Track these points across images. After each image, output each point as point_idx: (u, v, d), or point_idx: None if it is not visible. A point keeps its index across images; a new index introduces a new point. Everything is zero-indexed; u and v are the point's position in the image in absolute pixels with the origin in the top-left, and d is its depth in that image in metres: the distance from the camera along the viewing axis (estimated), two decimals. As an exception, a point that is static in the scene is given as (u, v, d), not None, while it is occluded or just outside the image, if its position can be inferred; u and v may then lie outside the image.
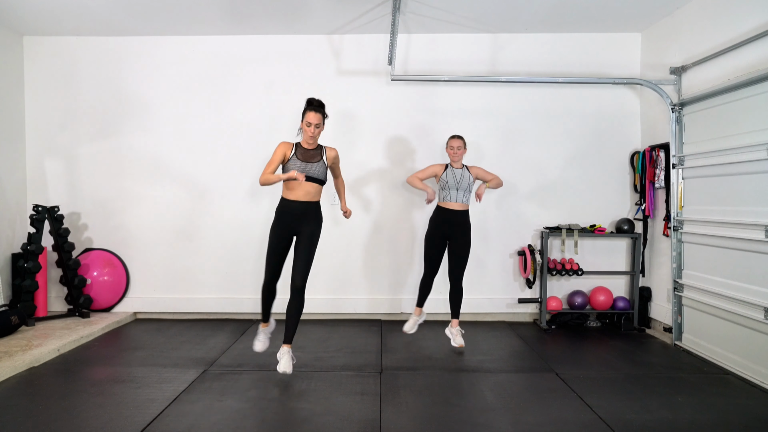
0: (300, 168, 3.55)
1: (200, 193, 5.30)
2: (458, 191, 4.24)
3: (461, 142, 4.28)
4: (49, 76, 5.31)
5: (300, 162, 3.57)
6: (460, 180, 4.24)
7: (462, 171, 4.28)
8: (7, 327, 4.42)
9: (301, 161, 3.57)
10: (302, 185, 3.57)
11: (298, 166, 3.55)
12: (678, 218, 4.43)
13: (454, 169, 4.28)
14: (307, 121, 3.54)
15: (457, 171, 4.27)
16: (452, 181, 4.24)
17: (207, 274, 5.31)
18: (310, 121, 3.53)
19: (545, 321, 5.04)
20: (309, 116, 3.53)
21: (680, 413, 3.09)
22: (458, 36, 5.20)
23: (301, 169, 3.54)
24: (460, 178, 4.25)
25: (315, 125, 3.53)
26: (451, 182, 4.24)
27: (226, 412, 3.08)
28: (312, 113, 3.53)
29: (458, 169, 4.28)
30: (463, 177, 4.25)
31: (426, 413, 3.09)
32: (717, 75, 4.07)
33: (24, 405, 3.17)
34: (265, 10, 4.65)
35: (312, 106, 3.56)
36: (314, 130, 3.54)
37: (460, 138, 4.30)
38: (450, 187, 4.24)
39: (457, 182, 4.24)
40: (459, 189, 4.24)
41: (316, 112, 3.53)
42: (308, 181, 3.57)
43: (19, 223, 5.23)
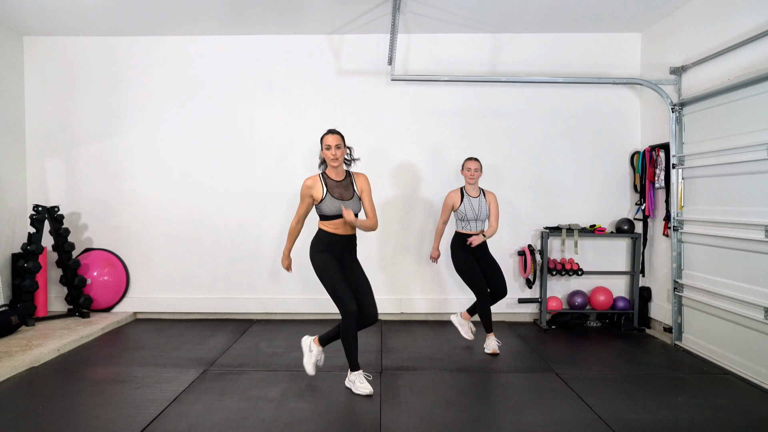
0: (337, 208, 3.34)
1: (200, 193, 5.30)
2: (477, 221, 4.20)
3: (478, 164, 4.17)
4: (49, 76, 5.31)
5: (336, 201, 3.35)
6: (479, 212, 4.18)
7: (479, 201, 4.20)
8: (7, 327, 4.42)
9: (337, 199, 3.36)
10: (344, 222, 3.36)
11: (336, 206, 3.34)
12: (678, 218, 4.43)
13: (471, 198, 4.19)
14: (326, 144, 3.34)
15: (474, 201, 4.19)
16: (471, 213, 4.18)
17: (207, 274, 5.31)
18: (329, 143, 3.33)
19: (545, 321, 5.04)
20: (327, 139, 3.34)
21: (680, 413, 3.09)
22: (458, 36, 5.20)
23: (339, 210, 3.34)
24: (479, 209, 4.18)
25: (335, 146, 3.32)
26: (470, 215, 4.18)
27: (226, 412, 3.08)
28: (330, 135, 3.35)
29: (475, 198, 4.19)
30: (481, 209, 4.19)
31: (426, 413, 3.09)
32: (717, 75, 4.07)
33: (24, 405, 3.17)
34: (265, 10, 4.65)
35: (328, 131, 3.40)
36: (335, 152, 3.32)
37: (476, 160, 4.18)
38: (469, 219, 4.19)
39: (476, 214, 4.18)
40: (478, 220, 4.20)
41: (333, 134, 3.35)
42: None
43: (19, 223, 5.23)
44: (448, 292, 5.25)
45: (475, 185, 4.21)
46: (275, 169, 5.25)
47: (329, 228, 3.41)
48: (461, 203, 4.19)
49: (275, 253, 5.27)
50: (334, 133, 3.37)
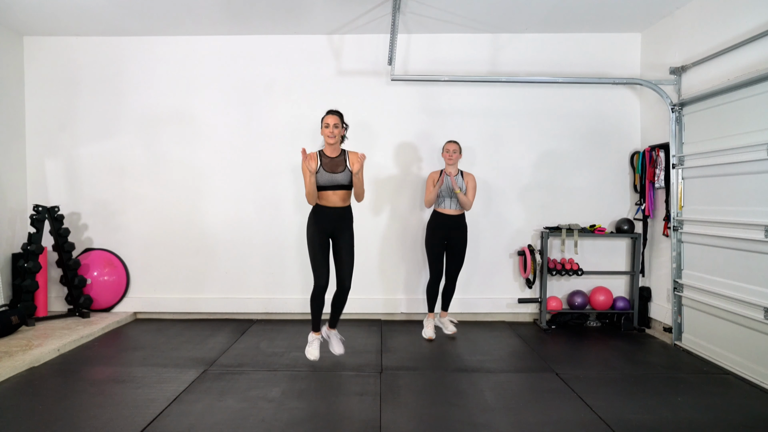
0: (327, 179, 3.71)
1: (200, 192, 5.30)
2: (452, 198, 4.41)
3: (456, 146, 4.44)
4: (49, 76, 5.31)
5: (326, 173, 3.72)
6: (453, 188, 4.37)
7: (456, 178, 4.41)
8: (7, 327, 4.42)
9: (327, 172, 3.73)
10: (335, 194, 3.74)
11: (326, 177, 3.71)
12: (678, 218, 4.43)
13: (448, 177, 4.41)
14: (325, 122, 3.73)
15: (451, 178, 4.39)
16: (446, 190, 4.41)
17: (207, 274, 5.31)
18: (327, 122, 3.72)
19: (545, 321, 5.04)
20: (326, 119, 3.74)
21: (680, 413, 3.09)
22: (458, 36, 5.20)
23: (329, 180, 3.71)
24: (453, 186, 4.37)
25: (333, 125, 3.70)
26: (445, 191, 4.41)
27: (226, 412, 3.08)
28: (329, 115, 3.74)
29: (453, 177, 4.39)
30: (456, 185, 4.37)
31: (426, 413, 3.09)
32: (717, 75, 4.07)
33: (24, 405, 3.17)
34: (265, 10, 4.65)
35: (329, 111, 3.80)
36: (332, 130, 3.69)
37: (455, 142, 4.46)
38: (444, 195, 4.41)
39: (451, 190, 4.40)
40: (453, 197, 4.40)
41: (333, 114, 3.75)
42: (337, 189, 3.74)
43: (20, 223, 5.24)
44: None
45: (453, 166, 4.43)
46: (275, 169, 5.25)
47: (321, 200, 3.77)
48: (438, 180, 4.41)
49: (275, 253, 5.27)
50: (334, 113, 3.76)
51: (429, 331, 4.58)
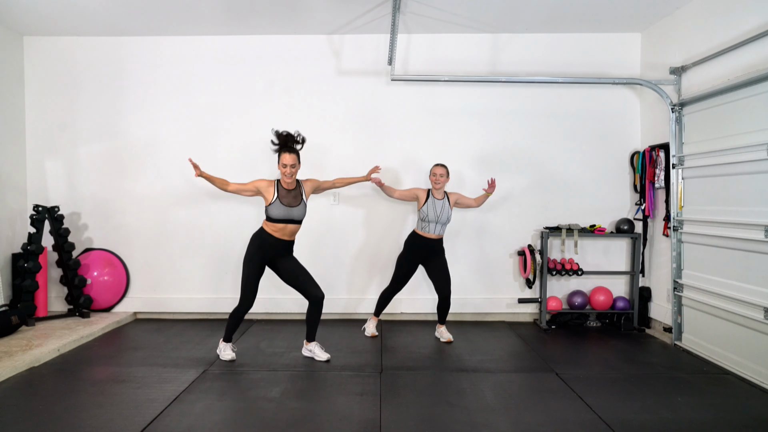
0: (284, 213, 3.74)
1: (200, 193, 5.30)
2: (437, 224, 4.34)
3: (444, 170, 4.37)
4: (49, 76, 5.31)
5: (284, 207, 3.75)
6: (440, 214, 4.33)
7: (443, 203, 4.36)
8: (7, 327, 4.42)
9: (284, 206, 3.75)
10: (290, 228, 3.80)
11: (282, 211, 3.74)
12: (678, 218, 4.43)
13: (435, 200, 4.34)
14: (283, 162, 3.70)
15: (438, 203, 4.34)
16: (433, 215, 4.32)
17: (207, 274, 5.31)
18: (285, 162, 3.69)
19: (545, 321, 5.04)
20: (284, 158, 3.70)
21: (680, 413, 3.09)
22: (458, 36, 5.21)
23: (285, 215, 3.75)
24: (441, 211, 4.33)
25: (290, 165, 3.70)
26: (432, 216, 4.32)
27: (226, 412, 3.08)
28: (287, 155, 3.70)
29: (439, 200, 4.35)
30: (443, 211, 4.34)
31: (426, 413, 3.09)
32: (717, 75, 4.07)
33: (24, 405, 3.17)
34: (265, 10, 4.65)
35: (285, 147, 3.74)
36: (290, 170, 3.71)
37: (443, 166, 4.40)
38: (430, 220, 4.33)
39: (437, 216, 4.32)
40: (438, 222, 4.34)
41: (290, 153, 3.71)
42: (292, 223, 3.80)
43: (20, 223, 5.24)
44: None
45: (440, 190, 4.38)
46: (275, 169, 5.25)
47: (271, 230, 3.79)
48: (425, 202, 4.34)
49: (275, 253, 5.27)
50: (292, 152, 3.73)
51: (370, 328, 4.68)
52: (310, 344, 4.05)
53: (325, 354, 4.00)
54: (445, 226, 4.39)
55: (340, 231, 5.28)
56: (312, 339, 4.05)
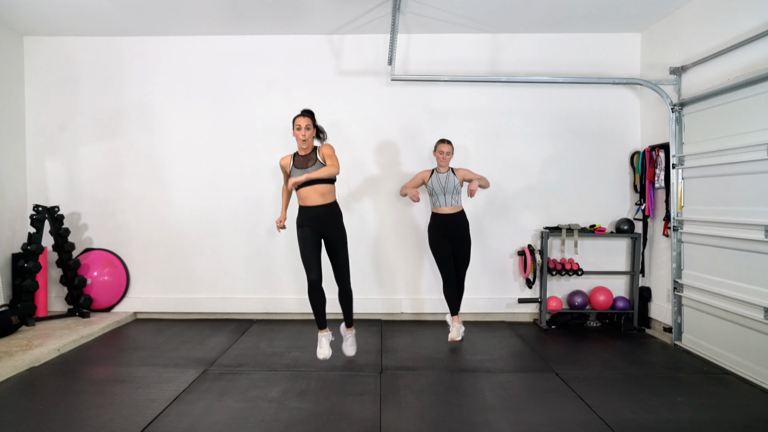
0: (298, 175, 3.68)
1: (200, 192, 5.30)
2: (445, 195, 4.34)
3: (450, 147, 4.38)
4: (49, 76, 5.31)
5: (298, 170, 3.73)
6: (446, 184, 4.33)
7: (447, 175, 4.37)
8: (7, 327, 4.42)
9: (298, 169, 3.74)
10: (313, 189, 3.69)
11: (297, 174, 3.72)
12: (678, 218, 4.43)
13: (439, 174, 4.38)
14: (297, 125, 3.72)
15: (442, 175, 4.37)
16: (438, 186, 4.35)
17: (207, 274, 5.31)
18: (299, 124, 3.71)
19: (545, 321, 5.04)
20: (298, 121, 3.73)
21: (680, 413, 3.09)
22: (458, 36, 5.21)
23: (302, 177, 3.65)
24: (446, 182, 4.34)
25: (305, 127, 3.71)
26: (437, 188, 4.35)
27: (226, 412, 3.08)
28: (300, 117, 3.74)
29: (443, 174, 4.37)
30: (448, 180, 4.34)
31: (426, 413, 3.09)
32: (717, 75, 4.07)
33: (24, 405, 3.17)
34: (265, 10, 4.65)
35: (300, 113, 3.79)
36: (305, 132, 3.70)
37: (449, 143, 4.39)
38: (437, 192, 4.35)
39: (443, 187, 4.34)
40: (446, 193, 4.34)
41: (304, 116, 3.75)
42: (314, 184, 3.69)
43: (20, 223, 5.24)
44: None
45: (445, 167, 4.40)
46: (276, 169, 5.25)
47: (301, 201, 3.76)
48: (430, 178, 4.40)
49: (276, 253, 5.27)
50: (305, 114, 3.76)
51: (453, 332, 4.34)
52: (347, 330, 4.03)
53: (350, 350, 3.98)
54: (455, 196, 4.34)
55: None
56: (348, 324, 4.03)
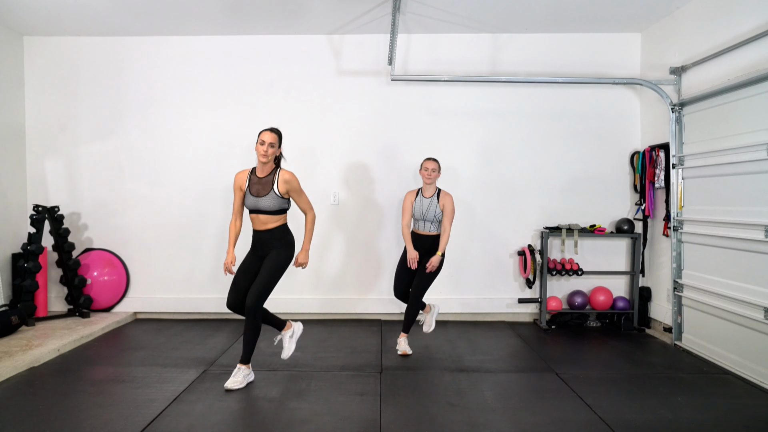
0: (251, 203, 3.45)
1: (200, 192, 5.30)
2: (425, 222, 4.16)
3: (436, 164, 4.15)
4: (49, 76, 5.31)
5: (251, 196, 3.45)
6: (426, 212, 4.13)
7: (431, 201, 4.13)
8: (7, 327, 4.42)
9: (252, 195, 3.45)
10: (257, 217, 3.47)
11: (250, 201, 3.45)
12: (678, 218, 4.43)
13: (423, 198, 4.16)
14: (261, 139, 3.40)
15: (425, 201, 4.14)
16: (419, 212, 4.15)
17: (207, 274, 5.31)
18: (263, 139, 3.40)
19: (545, 321, 5.04)
20: (263, 135, 3.41)
21: (680, 413, 3.09)
22: (458, 36, 5.21)
23: (252, 204, 3.45)
24: (426, 209, 4.12)
25: (269, 144, 3.39)
26: (417, 213, 4.16)
27: (226, 412, 3.08)
28: (267, 132, 3.43)
29: (427, 198, 4.14)
30: (429, 208, 4.12)
31: (426, 413, 3.09)
32: (717, 75, 4.07)
33: (24, 405, 3.17)
34: (265, 10, 4.65)
35: (268, 127, 3.51)
36: (267, 149, 3.38)
37: (434, 160, 4.17)
38: (416, 218, 4.18)
39: (423, 214, 4.14)
40: (425, 220, 4.15)
41: (272, 132, 3.44)
42: (261, 213, 3.46)
43: (20, 223, 5.24)
44: (448, 292, 5.25)
45: (432, 185, 4.17)
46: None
47: (252, 222, 3.53)
48: (414, 201, 4.19)
49: (275, 253, 5.27)
50: (273, 131, 3.45)
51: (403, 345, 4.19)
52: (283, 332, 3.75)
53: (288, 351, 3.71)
54: (434, 223, 4.16)
55: (340, 231, 5.27)
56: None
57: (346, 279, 5.29)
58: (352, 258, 5.29)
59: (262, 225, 3.49)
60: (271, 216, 3.48)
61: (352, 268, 5.29)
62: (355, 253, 5.29)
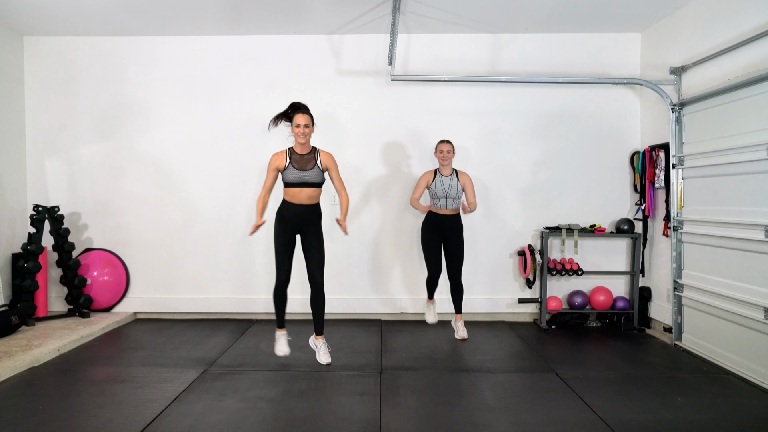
0: (296, 177, 3.69)
1: (200, 193, 5.30)
2: (447, 199, 4.38)
3: (450, 146, 4.41)
4: (49, 76, 5.31)
5: (296, 170, 3.70)
6: (449, 189, 4.37)
7: (450, 179, 4.40)
8: (7, 327, 4.42)
9: (296, 169, 3.70)
10: (304, 191, 3.71)
11: (295, 174, 3.69)
12: (678, 218, 4.43)
13: (442, 177, 4.41)
14: (296, 122, 3.67)
15: (446, 179, 4.39)
16: (441, 190, 4.37)
17: (207, 274, 5.31)
18: (299, 122, 3.66)
19: (545, 321, 5.04)
20: (297, 118, 3.67)
21: (680, 413, 3.09)
22: (458, 36, 5.21)
23: (297, 178, 3.69)
24: (449, 186, 4.37)
25: (304, 125, 3.66)
26: (440, 192, 4.38)
27: (226, 412, 3.08)
28: (300, 115, 3.68)
29: (446, 177, 4.40)
30: (451, 185, 4.38)
31: (426, 413, 3.09)
32: (717, 75, 4.07)
33: (24, 405, 3.17)
34: (265, 10, 4.65)
35: (299, 109, 3.73)
36: (304, 130, 3.67)
37: (449, 142, 4.42)
38: (439, 196, 4.39)
39: (445, 191, 4.37)
40: (448, 197, 4.38)
41: (304, 113, 3.69)
42: (306, 186, 3.72)
43: (20, 223, 5.24)
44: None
45: (448, 166, 4.42)
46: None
47: (287, 197, 3.76)
48: (433, 181, 4.41)
49: (275, 253, 5.27)
50: (305, 112, 3.71)
51: (430, 317, 4.64)
52: (317, 338, 3.94)
53: (326, 357, 3.89)
54: (456, 200, 4.38)
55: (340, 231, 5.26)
56: (319, 332, 3.93)
57: (346, 279, 5.29)
58: (351, 258, 5.29)
59: (307, 199, 3.73)
60: (315, 189, 3.76)
61: (351, 268, 5.29)
62: (354, 253, 5.29)
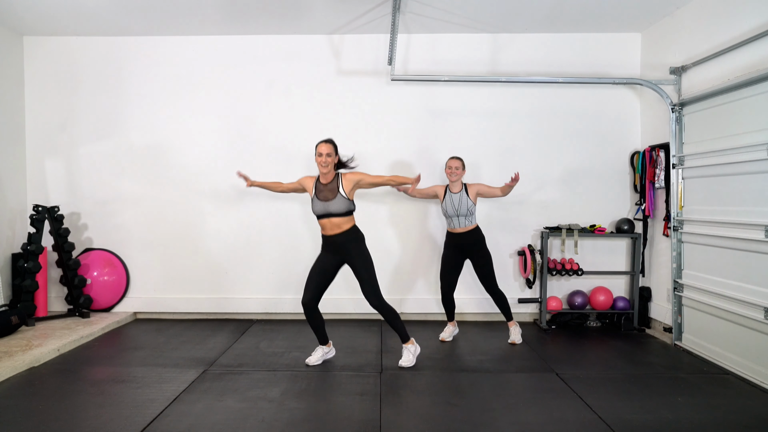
0: (320, 208, 3.72)
1: (200, 193, 5.30)
2: (459, 218, 4.33)
3: (459, 162, 4.35)
4: (49, 76, 5.31)
5: (320, 202, 3.73)
6: (458, 207, 4.31)
7: (460, 196, 4.32)
8: (7, 327, 4.42)
9: (320, 201, 3.73)
10: (329, 221, 3.73)
11: (320, 206, 3.72)
12: (678, 218, 4.43)
13: (452, 194, 4.35)
14: (318, 152, 3.73)
15: (455, 196, 4.33)
16: (451, 209, 4.33)
17: (207, 274, 5.31)
18: (321, 151, 3.72)
19: (545, 321, 5.04)
20: (320, 147, 3.73)
21: (680, 413, 3.09)
22: (458, 36, 5.20)
23: (322, 209, 3.72)
24: (458, 204, 4.31)
25: (326, 154, 3.71)
26: (450, 210, 4.34)
27: (226, 412, 3.08)
28: (322, 144, 3.74)
29: (456, 194, 4.33)
30: (461, 203, 4.30)
31: (426, 413, 3.09)
32: (717, 75, 4.07)
33: (24, 405, 3.17)
34: (265, 10, 4.65)
35: (322, 140, 3.80)
36: (326, 159, 3.71)
37: (458, 159, 4.37)
38: (450, 215, 4.35)
39: (456, 209, 4.32)
40: (459, 216, 4.32)
41: (326, 143, 3.75)
42: (332, 217, 3.71)
43: (19, 223, 5.24)
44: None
45: (457, 182, 4.37)
46: (275, 170, 5.24)
47: (321, 229, 3.81)
48: (443, 199, 4.38)
49: (275, 253, 5.27)
50: (328, 142, 3.77)
51: (444, 334, 4.60)
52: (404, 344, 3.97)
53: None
54: (468, 217, 4.32)
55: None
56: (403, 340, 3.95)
57: (347, 280, 5.28)
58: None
59: (335, 228, 3.74)
60: (341, 218, 3.73)
61: (352, 268, 5.28)
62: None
